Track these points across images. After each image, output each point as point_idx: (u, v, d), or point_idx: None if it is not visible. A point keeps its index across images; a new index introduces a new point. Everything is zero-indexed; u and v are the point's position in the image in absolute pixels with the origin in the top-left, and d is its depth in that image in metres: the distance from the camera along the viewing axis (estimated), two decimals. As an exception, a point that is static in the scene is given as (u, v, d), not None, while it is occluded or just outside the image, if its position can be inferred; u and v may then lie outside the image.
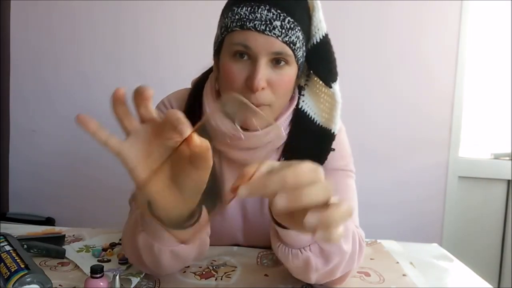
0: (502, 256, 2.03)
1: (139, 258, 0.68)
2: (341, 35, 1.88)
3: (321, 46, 0.79)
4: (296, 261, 0.61)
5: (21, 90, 2.00)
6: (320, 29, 0.78)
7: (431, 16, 1.90)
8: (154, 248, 0.63)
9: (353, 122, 1.15)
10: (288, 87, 0.77)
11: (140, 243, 0.64)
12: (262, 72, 0.71)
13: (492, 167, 2.02)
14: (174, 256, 0.65)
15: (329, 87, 0.80)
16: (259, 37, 0.70)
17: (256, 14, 0.70)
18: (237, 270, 0.79)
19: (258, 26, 0.69)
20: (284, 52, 0.72)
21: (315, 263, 0.61)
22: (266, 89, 0.73)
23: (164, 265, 0.66)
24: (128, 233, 0.69)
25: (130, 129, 0.46)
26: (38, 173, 2.01)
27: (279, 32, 0.70)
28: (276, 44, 0.71)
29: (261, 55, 0.71)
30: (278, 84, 0.73)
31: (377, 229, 1.31)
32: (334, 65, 0.81)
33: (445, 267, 0.89)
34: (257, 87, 0.70)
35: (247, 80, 0.72)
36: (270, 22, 0.69)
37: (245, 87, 0.73)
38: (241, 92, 0.73)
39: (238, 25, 0.71)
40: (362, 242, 0.73)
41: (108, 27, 1.94)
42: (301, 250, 0.60)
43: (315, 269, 0.62)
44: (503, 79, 1.99)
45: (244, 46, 0.71)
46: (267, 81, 0.72)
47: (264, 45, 0.70)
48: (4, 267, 0.62)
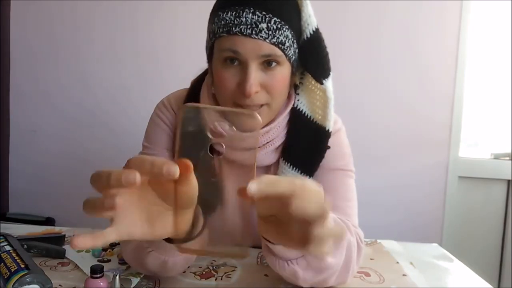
0: (502, 256, 2.03)
1: (145, 270, 0.70)
2: (339, 34, 1.90)
3: (312, 41, 0.77)
4: (283, 272, 0.62)
5: (21, 90, 1.99)
6: (310, 23, 0.77)
7: (431, 16, 1.90)
8: (168, 263, 0.65)
9: (353, 122, 1.15)
10: (283, 86, 0.76)
11: (151, 263, 0.65)
12: (253, 77, 0.70)
13: (492, 167, 2.01)
14: (186, 261, 0.67)
15: (320, 83, 0.79)
16: (247, 41, 0.69)
17: (241, 18, 0.69)
18: (237, 270, 0.79)
19: (244, 30, 0.69)
20: (273, 54, 0.71)
21: (302, 275, 0.61)
22: (261, 91, 0.73)
23: (176, 272, 0.69)
24: (132, 255, 0.69)
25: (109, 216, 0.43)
26: (38, 173, 2.01)
27: (266, 34, 0.69)
28: (264, 46, 0.70)
29: (250, 59, 0.70)
30: (271, 85, 0.73)
31: (377, 229, 1.31)
32: (326, 60, 0.79)
33: (445, 267, 0.89)
34: (249, 92, 0.70)
35: (239, 85, 0.72)
36: (256, 25, 0.69)
37: (238, 93, 0.72)
38: (235, 97, 0.73)
39: (225, 30, 0.70)
40: (361, 243, 0.73)
41: (108, 27, 1.94)
42: (287, 263, 0.60)
43: (303, 280, 0.62)
44: (503, 79, 1.99)
45: (233, 52, 0.71)
46: (261, 84, 0.72)
47: (253, 49, 0.70)
48: (4, 267, 0.62)
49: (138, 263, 0.69)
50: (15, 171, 2.03)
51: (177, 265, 0.66)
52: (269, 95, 0.74)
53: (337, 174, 0.84)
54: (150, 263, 0.65)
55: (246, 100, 0.72)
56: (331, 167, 0.83)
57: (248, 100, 0.72)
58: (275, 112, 0.79)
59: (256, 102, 0.73)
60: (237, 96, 0.73)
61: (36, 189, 2.02)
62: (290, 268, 0.60)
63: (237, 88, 0.72)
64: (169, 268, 0.66)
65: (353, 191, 0.86)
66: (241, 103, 0.73)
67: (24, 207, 2.01)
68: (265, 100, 0.74)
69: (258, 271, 0.79)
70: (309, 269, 0.61)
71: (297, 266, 0.60)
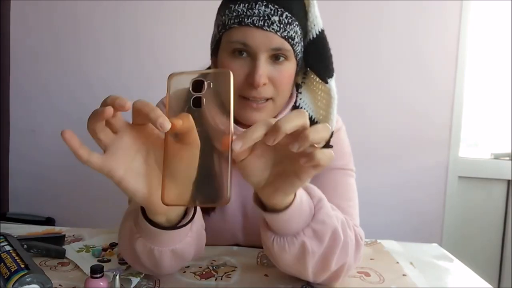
0: (502, 256, 2.03)
1: (138, 261, 0.67)
2: (340, 34, 1.90)
3: (317, 42, 0.79)
4: (292, 249, 0.61)
5: (21, 89, 2.00)
6: (316, 24, 0.78)
7: (431, 16, 1.90)
8: (154, 251, 0.63)
9: (353, 122, 1.15)
10: (288, 82, 0.77)
11: (139, 249, 0.64)
12: (262, 68, 0.71)
13: (492, 167, 2.02)
14: (175, 255, 0.65)
15: (325, 82, 0.80)
16: (258, 33, 0.70)
17: (254, 10, 0.70)
18: (237, 270, 0.79)
19: (256, 22, 0.70)
20: (283, 48, 0.72)
21: (310, 246, 0.61)
22: (268, 84, 0.74)
23: (165, 266, 0.66)
24: (125, 240, 0.68)
25: (106, 142, 0.47)
26: (38, 173, 2.01)
27: (278, 27, 0.70)
28: (275, 39, 0.71)
29: (260, 51, 0.71)
30: (279, 80, 0.74)
31: (377, 229, 1.31)
32: (330, 61, 0.81)
33: (445, 267, 0.89)
34: (258, 83, 0.70)
35: (248, 77, 0.72)
36: (268, 17, 0.70)
37: (246, 84, 0.73)
38: (241, 90, 0.74)
39: (236, 21, 0.71)
40: (360, 240, 0.72)
41: (108, 26, 1.95)
42: (295, 236, 0.60)
43: (312, 253, 0.62)
44: (503, 79, 1.99)
45: (243, 44, 0.71)
46: (268, 77, 0.73)
47: (263, 41, 0.71)
48: (4, 267, 0.62)
49: (130, 249, 0.67)
50: (15, 171, 2.03)
51: (164, 256, 0.64)
52: (275, 89, 0.75)
53: (337, 173, 0.84)
54: (139, 250, 0.64)
55: (253, 91, 0.72)
56: (331, 166, 0.83)
57: (255, 92, 0.73)
58: (278, 108, 0.79)
59: (263, 95, 0.74)
60: (244, 88, 0.73)
61: (36, 189, 2.02)
62: (299, 241, 0.60)
63: (244, 80, 0.73)
64: (157, 259, 0.64)
65: (354, 191, 0.86)
66: (248, 95, 0.74)
67: (24, 207, 2.01)
68: (271, 94, 0.75)
69: (258, 271, 0.79)
70: (315, 237, 0.61)
71: (304, 236, 0.60)
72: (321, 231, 0.61)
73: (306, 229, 0.61)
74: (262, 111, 0.76)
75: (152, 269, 0.69)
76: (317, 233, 0.61)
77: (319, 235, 0.61)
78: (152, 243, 0.62)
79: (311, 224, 0.60)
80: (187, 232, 0.64)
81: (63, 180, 1.99)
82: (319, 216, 0.61)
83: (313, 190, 0.63)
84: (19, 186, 2.04)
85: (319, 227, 0.61)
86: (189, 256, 0.69)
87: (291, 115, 0.45)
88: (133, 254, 0.66)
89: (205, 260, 0.82)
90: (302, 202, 0.58)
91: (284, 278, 0.75)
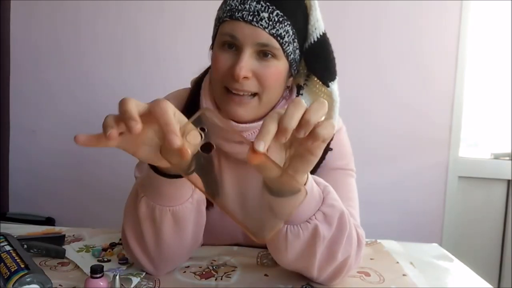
0: (502, 256, 2.03)
1: (140, 238, 0.68)
2: (340, 34, 1.88)
3: (318, 45, 0.79)
4: (306, 233, 0.62)
5: (21, 90, 1.99)
6: (317, 28, 0.79)
7: (431, 16, 1.90)
8: (155, 212, 0.65)
9: (353, 122, 1.15)
10: (276, 80, 0.77)
11: (142, 214, 0.66)
12: (245, 61, 0.72)
13: (492, 167, 2.02)
14: (175, 220, 0.66)
15: (326, 86, 0.80)
16: (246, 28, 0.72)
17: (245, 5, 0.73)
18: (237, 270, 0.79)
19: (245, 17, 0.72)
20: (270, 44, 0.73)
21: (322, 230, 0.63)
22: (252, 79, 0.74)
23: (166, 234, 0.67)
24: (130, 206, 0.70)
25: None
26: (38, 173, 2.01)
27: (266, 24, 0.72)
28: (262, 35, 0.72)
29: (246, 45, 0.73)
30: (264, 75, 0.75)
31: (377, 229, 1.31)
32: (332, 64, 0.81)
33: (445, 267, 0.89)
34: (238, 74, 0.72)
35: (230, 68, 0.74)
36: (258, 13, 0.72)
37: (228, 76, 0.74)
38: (225, 81, 0.75)
39: (228, 15, 0.74)
40: (362, 239, 0.73)
41: (109, 26, 1.94)
42: (308, 221, 0.62)
43: (322, 237, 0.63)
44: (503, 79, 1.99)
45: (231, 36, 0.73)
46: (253, 71, 0.74)
47: (250, 35, 0.72)
48: (4, 267, 0.62)
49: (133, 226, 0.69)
50: (16, 171, 2.03)
51: (164, 219, 0.65)
52: (260, 85, 0.75)
53: (338, 173, 0.84)
54: (142, 216, 0.66)
55: (236, 84, 0.74)
56: (331, 167, 0.83)
57: (238, 85, 0.74)
58: (266, 106, 0.79)
59: (245, 88, 0.75)
60: (228, 79, 0.75)
61: (36, 189, 2.02)
62: (312, 225, 0.62)
63: (227, 72, 0.75)
64: (158, 224, 0.66)
65: (354, 191, 0.86)
66: (230, 87, 0.75)
67: (24, 207, 2.01)
68: (256, 89, 0.76)
69: (258, 271, 0.79)
70: (325, 221, 0.63)
71: (316, 220, 0.62)
72: (330, 215, 0.63)
73: (317, 213, 0.62)
74: (246, 107, 0.77)
75: (152, 244, 0.69)
76: (327, 217, 0.63)
77: (329, 219, 0.63)
78: (154, 201, 0.64)
79: (322, 207, 0.62)
80: (188, 194, 0.65)
81: (63, 180, 1.99)
82: (328, 200, 0.63)
83: (317, 178, 0.65)
84: (19, 186, 2.04)
85: (329, 211, 0.63)
86: (188, 226, 0.69)
87: (313, 106, 0.49)
88: (135, 227, 0.68)
89: (205, 260, 0.82)
90: (313, 187, 0.61)
91: (284, 278, 0.75)
